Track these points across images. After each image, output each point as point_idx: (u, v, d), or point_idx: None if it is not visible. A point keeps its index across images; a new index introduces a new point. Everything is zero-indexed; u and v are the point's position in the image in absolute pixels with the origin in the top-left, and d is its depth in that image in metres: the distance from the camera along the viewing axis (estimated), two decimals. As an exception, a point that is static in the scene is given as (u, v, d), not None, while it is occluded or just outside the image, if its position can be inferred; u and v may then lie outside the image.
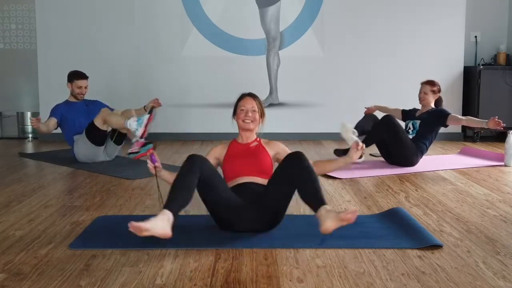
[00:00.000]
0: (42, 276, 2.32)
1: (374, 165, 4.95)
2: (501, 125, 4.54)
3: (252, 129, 3.09)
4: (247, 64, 6.69)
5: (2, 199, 3.70)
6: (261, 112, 3.11)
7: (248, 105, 3.07)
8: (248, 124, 3.05)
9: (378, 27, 6.67)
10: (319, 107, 6.73)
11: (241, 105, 3.09)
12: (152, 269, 2.40)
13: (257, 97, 3.14)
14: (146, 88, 6.61)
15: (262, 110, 3.13)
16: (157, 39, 6.64)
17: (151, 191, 3.88)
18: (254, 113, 3.06)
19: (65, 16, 6.56)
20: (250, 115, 3.05)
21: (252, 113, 3.06)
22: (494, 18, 6.92)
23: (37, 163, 5.16)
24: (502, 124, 4.54)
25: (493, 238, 2.86)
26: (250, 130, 3.08)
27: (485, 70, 6.52)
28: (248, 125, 3.05)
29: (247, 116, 3.04)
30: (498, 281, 2.29)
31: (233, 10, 6.67)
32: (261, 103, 3.13)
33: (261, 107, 3.11)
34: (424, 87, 5.04)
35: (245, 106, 3.07)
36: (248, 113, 3.05)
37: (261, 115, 3.11)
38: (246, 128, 3.07)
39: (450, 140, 6.58)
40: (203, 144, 6.34)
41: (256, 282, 2.27)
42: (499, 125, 4.54)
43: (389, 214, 3.25)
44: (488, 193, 3.89)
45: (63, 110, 5.13)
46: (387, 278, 2.32)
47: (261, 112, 3.11)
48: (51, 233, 2.92)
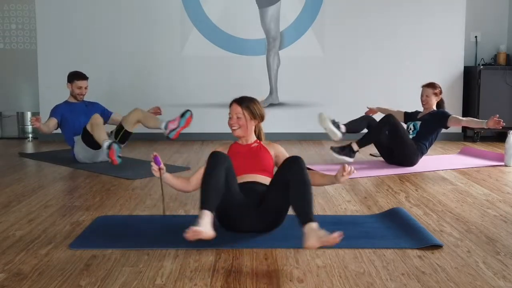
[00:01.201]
0: (42, 276, 2.33)
1: (374, 165, 4.95)
2: (501, 124, 4.54)
3: (240, 136, 3.09)
4: (247, 64, 6.69)
5: (2, 199, 3.70)
6: (251, 116, 3.04)
7: (232, 112, 3.07)
8: (235, 131, 3.07)
9: (378, 27, 6.67)
10: (319, 107, 6.70)
11: (229, 112, 3.10)
12: (152, 269, 2.40)
13: (245, 103, 3.06)
14: (146, 88, 6.62)
15: (253, 113, 3.05)
16: (157, 39, 6.64)
17: (151, 191, 3.88)
18: (238, 120, 3.04)
19: (65, 16, 6.56)
20: (234, 122, 3.05)
21: (236, 120, 3.05)
22: (494, 18, 6.92)
23: (37, 163, 5.16)
24: (502, 123, 4.55)
25: (493, 238, 2.87)
26: (239, 137, 3.10)
27: (485, 70, 6.52)
28: (235, 132, 3.07)
29: (231, 123, 3.06)
30: (498, 281, 2.29)
31: (233, 10, 6.67)
32: (251, 107, 3.05)
33: (250, 111, 3.04)
34: (426, 90, 5.03)
35: (231, 112, 3.08)
36: (232, 120, 3.06)
37: (254, 117, 3.06)
38: (235, 135, 3.09)
39: (450, 140, 6.58)
40: (203, 144, 6.34)
41: (256, 282, 2.27)
42: (499, 124, 4.55)
43: (389, 214, 3.25)
44: (488, 193, 3.89)
45: (63, 111, 5.13)
46: (387, 278, 2.32)
47: (251, 116, 3.04)
48: (51, 233, 2.92)
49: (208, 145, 6.17)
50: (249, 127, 3.07)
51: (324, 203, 3.58)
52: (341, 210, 3.44)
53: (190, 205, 3.50)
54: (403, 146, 4.75)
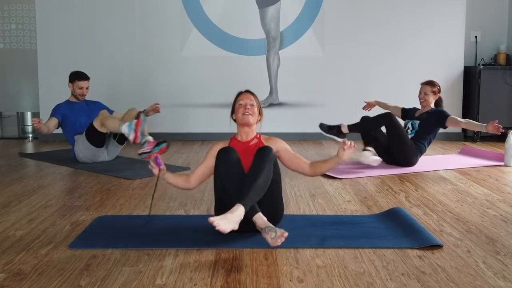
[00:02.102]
0: (42, 276, 2.33)
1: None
2: (500, 130, 4.53)
3: (251, 124, 3.02)
4: (247, 64, 6.69)
5: (2, 199, 3.70)
6: (259, 110, 3.08)
7: (246, 99, 3.04)
8: (247, 116, 2.99)
9: (378, 27, 6.67)
10: (319, 107, 6.72)
11: (239, 100, 3.05)
12: (152, 269, 2.40)
13: (255, 94, 3.11)
14: (146, 88, 6.62)
15: (260, 108, 3.10)
16: (157, 39, 6.64)
17: (151, 191, 3.88)
18: (252, 107, 3.02)
19: (65, 16, 6.56)
20: (249, 108, 3.01)
21: (251, 107, 3.02)
22: (494, 18, 6.92)
23: (37, 163, 5.16)
24: (501, 129, 4.53)
25: (493, 238, 2.87)
26: (250, 124, 3.02)
27: (485, 70, 6.52)
28: (248, 117, 2.99)
29: (246, 109, 3.00)
30: (498, 281, 2.29)
31: (233, 10, 6.67)
32: (258, 101, 3.10)
33: (259, 104, 3.09)
34: (425, 88, 5.03)
35: (244, 100, 3.03)
36: (247, 107, 3.01)
37: (259, 113, 3.09)
38: (246, 121, 3.00)
39: (450, 140, 6.58)
40: (203, 144, 6.34)
41: (256, 282, 2.27)
42: (498, 130, 4.53)
43: (389, 214, 3.25)
44: (488, 193, 3.89)
45: (65, 110, 5.13)
46: (387, 278, 2.32)
47: (259, 110, 3.08)
48: (51, 233, 2.92)
49: (208, 145, 6.17)
50: (257, 118, 3.06)
51: (324, 203, 3.58)
52: (341, 210, 3.44)
53: (190, 205, 3.50)
54: (402, 146, 4.74)
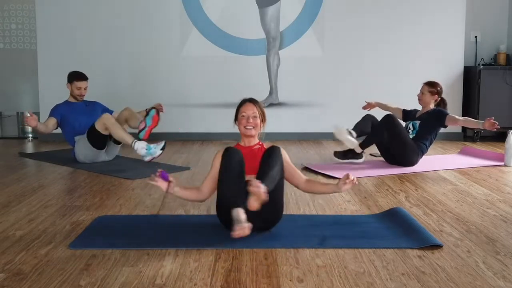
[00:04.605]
0: (42, 276, 2.33)
1: (374, 165, 4.95)
2: (496, 126, 4.56)
3: (253, 135, 3.11)
4: (247, 64, 6.69)
5: (2, 199, 3.69)
6: (262, 117, 3.12)
7: (249, 111, 3.08)
8: (249, 130, 3.07)
9: (378, 27, 6.67)
10: (319, 107, 6.72)
11: (242, 111, 3.10)
12: (152, 269, 2.40)
13: (258, 102, 3.14)
14: (146, 88, 6.61)
15: (263, 115, 3.13)
16: (157, 39, 6.64)
17: (151, 191, 3.88)
18: (255, 119, 3.08)
19: (65, 16, 6.56)
20: (251, 121, 3.06)
21: (253, 119, 3.07)
22: (494, 18, 6.92)
23: (37, 163, 5.15)
24: (497, 125, 4.56)
25: (493, 238, 2.87)
26: (252, 136, 3.10)
27: (485, 70, 6.52)
28: (250, 131, 3.07)
29: (248, 123, 3.06)
30: (498, 281, 2.29)
31: (233, 10, 6.66)
32: (262, 108, 3.14)
33: (262, 112, 3.13)
34: (423, 87, 5.07)
35: (246, 112, 3.08)
36: (249, 119, 3.07)
37: (262, 119, 3.12)
38: (248, 134, 3.08)
39: (450, 140, 6.58)
40: (203, 144, 6.33)
41: (256, 282, 2.27)
42: (495, 126, 4.57)
43: (389, 214, 3.25)
44: (488, 193, 3.89)
45: (64, 110, 5.12)
46: (387, 278, 2.32)
47: (262, 117, 3.12)
48: (51, 233, 2.92)
49: (208, 145, 6.17)
50: (259, 128, 3.11)
51: (324, 203, 3.58)
52: (341, 210, 3.44)
53: (190, 205, 3.50)
54: (403, 146, 4.75)
